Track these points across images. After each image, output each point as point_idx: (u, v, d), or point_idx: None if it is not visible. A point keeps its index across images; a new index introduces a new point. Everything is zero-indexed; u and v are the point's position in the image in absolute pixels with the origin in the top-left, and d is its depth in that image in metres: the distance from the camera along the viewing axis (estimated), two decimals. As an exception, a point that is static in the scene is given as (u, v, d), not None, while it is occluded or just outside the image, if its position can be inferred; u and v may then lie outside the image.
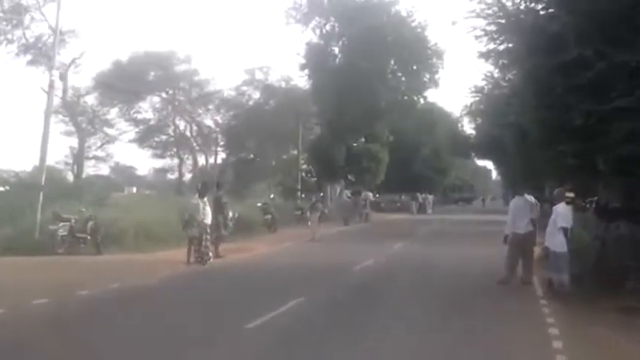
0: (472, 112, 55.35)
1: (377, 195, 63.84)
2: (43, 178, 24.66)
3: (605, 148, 13.24)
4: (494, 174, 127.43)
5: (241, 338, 10.07)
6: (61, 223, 22.28)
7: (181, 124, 67.42)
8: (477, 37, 16.85)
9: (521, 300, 14.38)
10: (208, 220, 20.48)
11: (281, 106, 61.96)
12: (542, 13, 15.51)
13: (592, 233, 16.83)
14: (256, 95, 66.45)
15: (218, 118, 68.19)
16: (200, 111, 67.17)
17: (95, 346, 9.49)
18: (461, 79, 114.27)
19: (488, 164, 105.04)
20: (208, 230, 20.41)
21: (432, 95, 75.96)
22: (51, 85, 26.78)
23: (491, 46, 17.14)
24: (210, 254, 20.58)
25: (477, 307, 13.45)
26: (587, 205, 26.75)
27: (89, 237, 22.97)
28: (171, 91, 64.74)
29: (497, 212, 63.64)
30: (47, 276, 16.73)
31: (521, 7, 16.10)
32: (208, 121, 68.35)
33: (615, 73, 12.60)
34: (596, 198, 22.18)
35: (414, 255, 24.38)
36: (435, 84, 53.02)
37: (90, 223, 23.12)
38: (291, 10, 50.33)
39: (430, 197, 71.09)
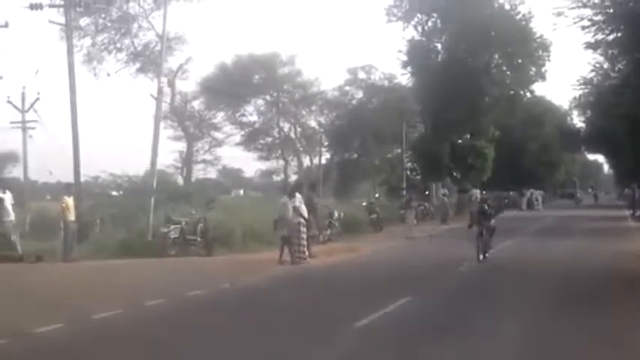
0: (581, 105, 53.90)
1: (484, 192, 62.89)
2: (155, 182, 25.35)
3: None
4: (605, 167, 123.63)
5: (352, 336, 10.09)
6: (173, 226, 22.86)
7: (286, 126, 68.19)
8: (583, 28, 16.42)
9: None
10: (303, 219, 20.48)
11: (384, 104, 61.85)
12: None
13: None
14: (359, 95, 66.58)
15: (322, 119, 68.67)
16: (304, 112, 67.75)
17: (210, 343, 9.68)
18: (569, 70, 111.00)
19: (600, 158, 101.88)
20: (303, 229, 20.38)
21: (538, 88, 74.10)
22: (159, 92, 27.53)
23: (600, 36, 16.66)
24: (307, 254, 20.59)
25: (593, 305, 12.73)
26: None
27: (199, 239, 23.47)
28: (275, 94, 65.50)
29: (610, 207, 61.60)
30: (160, 277, 17.23)
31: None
32: (312, 122, 68.91)
33: None
34: None
35: (524, 253, 23.83)
36: (542, 77, 51.78)
37: (200, 226, 23.62)
38: (392, 7, 50.10)
39: (538, 193, 69.34)
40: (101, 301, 12.65)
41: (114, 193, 35.17)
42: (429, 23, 50.52)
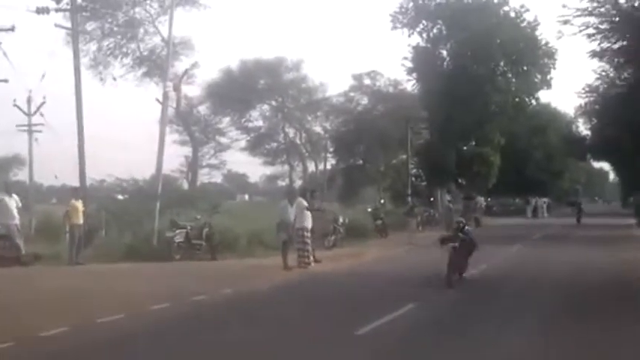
0: (587, 113, 53.81)
1: (489, 199, 62.84)
2: (160, 187, 25.41)
3: None
4: (611, 175, 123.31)
5: (353, 345, 10.08)
6: (178, 230, 22.95)
7: (291, 132, 68.23)
8: (589, 36, 16.44)
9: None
10: (308, 224, 20.41)
11: (389, 111, 61.83)
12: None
13: None
14: (364, 101, 66.53)
15: (327, 125, 68.64)
16: (309, 118, 67.79)
17: (213, 348, 9.71)
18: (574, 78, 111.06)
19: (605, 166, 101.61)
20: (306, 234, 20.30)
21: (544, 96, 74.03)
22: (165, 97, 27.59)
23: (605, 44, 16.67)
24: (311, 258, 20.62)
25: (597, 315, 12.79)
26: None
27: (204, 243, 23.54)
28: (280, 99, 65.59)
29: (613, 215, 61.52)
30: (165, 281, 17.25)
31: (636, 4, 15.59)
32: (317, 128, 68.91)
33: None
34: None
35: (529, 259, 23.84)
36: (547, 85, 51.82)
37: (205, 230, 23.70)
38: (397, 14, 50.18)
39: (543, 201, 69.23)
40: (106, 305, 12.70)
41: (119, 196, 35.30)
42: (435, 30, 50.56)
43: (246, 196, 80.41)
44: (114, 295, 14.36)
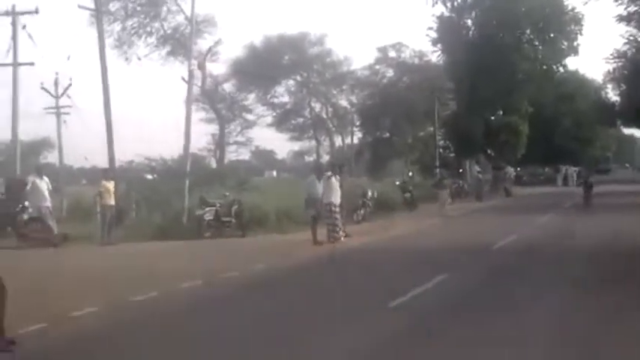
0: (615, 78, 53.09)
1: (518, 169, 62.40)
2: (188, 165, 25.54)
3: None
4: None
5: (387, 317, 10.04)
6: (207, 208, 23.02)
7: (317, 106, 68.15)
8: (616, 0, 16.09)
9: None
10: (336, 199, 20.37)
11: (415, 82, 61.56)
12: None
13: None
14: (390, 73, 66.23)
15: (353, 98, 68.46)
16: (335, 92, 67.62)
17: (244, 325, 9.71)
18: (602, 44, 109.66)
19: (636, 132, 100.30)
20: (334, 209, 20.21)
21: (571, 63, 73.26)
22: (190, 75, 27.64)
23: (633, 8, 16.33)
24: (342, 233, 20.60)
25: (628, 283, 12.62)
26: None
27: (234, 220, 23.63)
28: (305, 74, 65.45)
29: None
30: (196, 259, 17.35)
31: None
32: (343, 102, 68.76)
33: None
34: None
35: (559, 229, 23.62)
36: (575, 51, 51.18)
37: (234, 207, 23.81)
38: (421, -17, 49.74)
39: (573, 169, 68.65)
40: (138, 284, 12.77)
41: (148, 176, 35.49)
42: (459, -1, 50.03)
43: (274, 173, 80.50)
44: (146, 273, 14.42)
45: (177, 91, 79.80)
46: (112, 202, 21.80)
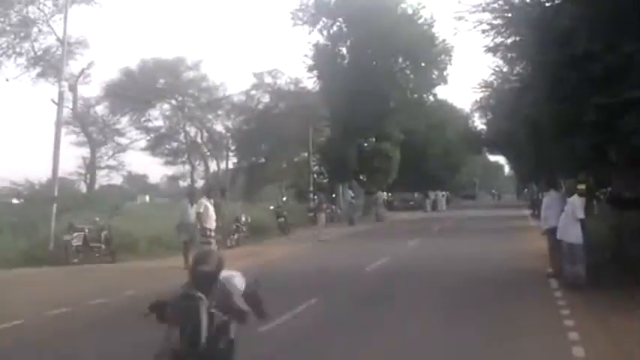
0: (482, 108, 55.13)
1: (389, 194, 63.70)
2: (56, 190, 24.75)
3: (618, 140, 13.16)
4: (506, 169, 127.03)
5: (254, 342, 10.03)
6: (75, 234, 22.34)
7: (192, 131, 67.43)
8: (483, 32, 16.75)
9: (536, 292, 14.33)
10: (211, 224, 20.20)
11: (291, 108, 61.90)
12: (548, 5, 15.41)
13: (607, 224, 16.70)
14: (266, 99, 66.37)
15: (228, 124, 68.15)
16: (210, 117, 67.11)
17: (114, 352, 9.50)
18: (471, 74, 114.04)
19: (501, 159, 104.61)
20: (209, 234, 20.02)
21: (441, 92, 75.84)
22: (60, 97, 26.88)
23: (499, 39, 17.03)
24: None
25: (491, 300, 13.48)
26: (601, 196, 26.62)
27: (103, 246, 23.06)
28: (180, 98, 64.79)
29: (509, 207, 63.65)
30: (63, 286, 16.84)
31: (527, 0, 16.01)
32: (219, 127, 68.29)
33: (625, 65, 12.50)
34: (609, 189, 22.06)
35: (428, 252, 24.33)
36: (444, 80, 53.04)
37: (104, 233, 23.24)
38: (297, 11, 50.34)
39: (441, 194, 70.82)
40: (1, 313, 12.25)
41: (14, 201, 34.15)
42: (334, 27, 50.92)
43: (147, 198, 78.95)
44: (10, 301, 13.88)
45: (47, 114, 77.51)
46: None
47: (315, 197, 39.32)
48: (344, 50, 51.73)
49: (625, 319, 11.16)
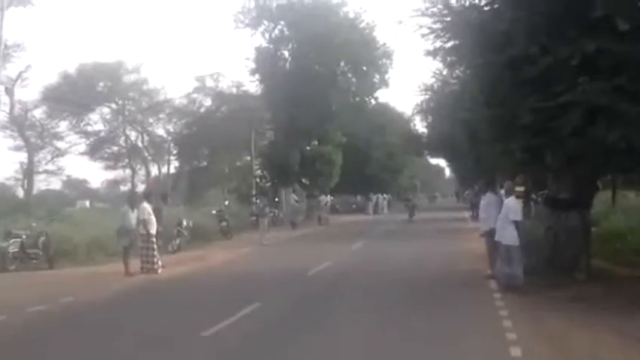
0: (423, 111, 55.59)
1: (332, 197, 63.93)
2: (-9, 195, 24.24)
3: (553, 142, 13.40)
4: (447, 171, 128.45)
5: (198, 346, 9.99)
6: (12, 240, 21.88)
7: (132, 135, 66.90)
8: (423, 36, 16.85)
9: (475, 293, 14.55)
10: (152, 229, 20.03)
11: (233, 112, 61.80)
12: (486, 9, 15.61)
13: (544, 225, 16.98)
14: (207, 102, 66.30)
15: (170, 127, 67.80)
16: (151, 120, 66.70)
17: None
18: (412, 78, 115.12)
19: (441, 162, 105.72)
20: (150, 239, 19.92)
21: (383, 96, 76.52)
22: (-4, 100, 26.36)
23: (438, 43, 17.15)
24: (160, 264, 20.25)
25: (432, 302, 13.70)
26: (538, 198, 27.08)
27: (41, 252, 22.63)
28: (120, 102, 64.15)
29: (449, 209, 64.50)
30: (-1, 293, 16.46)
31: (466, 4, 16.18)
32: (160, 131, 67.92)
33: (560, 68, 12.74)
34: (546, 190, 22.45)
35: (371, 255, 24.51)
36: (385, 84, 53.26)
37: (41, 239, 22.79)
38: (239, 14, 50.01)
39: (383, 197, 71.22)
40: None
41: (-53, 208, 33.35)
42: (276, 31, 50.72)
43: (87, 202, 77.66)
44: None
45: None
46: None
47: (258, 201, 39.11)
48: (286, 54, 51.61)
49: (561, 318, 11.40)
